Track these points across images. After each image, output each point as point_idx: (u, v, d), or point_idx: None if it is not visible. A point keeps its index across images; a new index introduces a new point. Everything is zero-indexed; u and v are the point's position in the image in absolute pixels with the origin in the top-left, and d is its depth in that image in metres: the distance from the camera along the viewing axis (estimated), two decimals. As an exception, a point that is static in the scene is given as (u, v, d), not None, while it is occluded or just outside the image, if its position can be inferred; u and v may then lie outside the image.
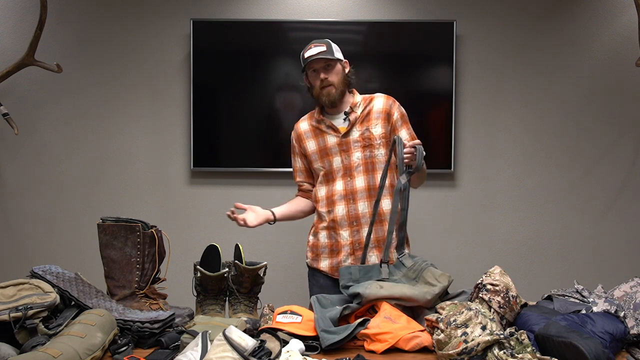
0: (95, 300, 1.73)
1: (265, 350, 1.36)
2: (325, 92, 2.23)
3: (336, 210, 2.25)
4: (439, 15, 3.36)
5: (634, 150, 3.38)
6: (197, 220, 3.43)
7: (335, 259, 2.27)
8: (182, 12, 3.37)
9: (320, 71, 2.22)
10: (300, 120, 2.41)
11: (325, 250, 2.29)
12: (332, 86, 2.22)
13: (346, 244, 2.25)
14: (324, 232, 2.29)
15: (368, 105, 2.28)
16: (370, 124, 2.25)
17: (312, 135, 2.32)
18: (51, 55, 3.22)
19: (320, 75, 2.22)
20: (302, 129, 2.36)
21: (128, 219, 1.93)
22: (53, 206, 3.44)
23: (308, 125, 2.35)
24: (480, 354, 1.42)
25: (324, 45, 2.22)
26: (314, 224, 2.36)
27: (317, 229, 2.32)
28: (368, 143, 2.24)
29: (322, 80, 2.22)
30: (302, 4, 3.39)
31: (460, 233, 3.44)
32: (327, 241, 2.29)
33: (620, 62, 3.34)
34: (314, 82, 2.25)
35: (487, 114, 3.40)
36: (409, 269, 1.93)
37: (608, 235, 3.40)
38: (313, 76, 2.25)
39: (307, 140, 2.33)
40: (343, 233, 2.25)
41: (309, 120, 2.36)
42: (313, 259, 2.33)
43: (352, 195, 2.24)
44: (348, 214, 2.24)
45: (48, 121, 3.42)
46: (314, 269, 2.34)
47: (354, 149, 2.24)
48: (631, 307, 1.72)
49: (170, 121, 3.42)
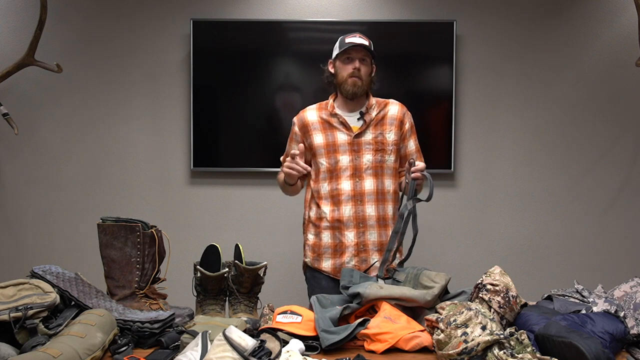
0: (95, 300, 1.73)
1: (265, 350, 1.36)
2: (352, 82, 2.22)
3: (342, 210, 2.23)
4: (439, 15, 3.36)
5: (634, 150, 3.38)
6: (197, 220, 3.43)
7: (339, 259, 2.25)
8: (182, 12, 3.37)
9: (356, 60, 2.21)
10: (307, 109, 2.35)
11: (328, 250, 2.27)
12: (359, 78, 2.22)
13: (351, 245, 2.23)
14: (327, 232, 2.26)
15: (383, 109, 2.30)
16: (385, 128, 2.27)
17: (321, 128, 2.28)
18: (51, 55, 3.22)
19: (355, 63, 2.21)
20: (310, 119, 2.30)
21: (128, 219, 1.93)
22: (53, 206, 3.44)
23: (317, 117, 2.30)
24: (480, 354, 1.42)
25: (367, 40, 2.24)
26: (312, 222, 2.31)
27: (319, 229, 2.28)
28: (381, 147, 2.24)
29: (354, 70, 2.21)
30: (302, 4, 3.39)
31: (460, 233, 3.44)
32: (330, 241, 2.26)
33: (620, 62, 3.34)
34: (344, 69, 2.23)
35: (487, 114, 3.40)
36: (403, 282, 1.94)
37: (608, 235, 3.40)
38: (345, 62, 2.23)
39: (314, 132, 2.28)
40: (348, 234, 2.23)
41: (319, 111, 2.31)
42: (314, 258, 2.30)
43: (360, 196, 2.23)
44: (355, 215, 2.23)
45: (48, 121, 3.42)
46: (315, 269, 2.31)
47: (365, 151, 2.23)
48: (631, 307, 1.72)
49: (170, 121, 3.42)
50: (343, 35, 2.27)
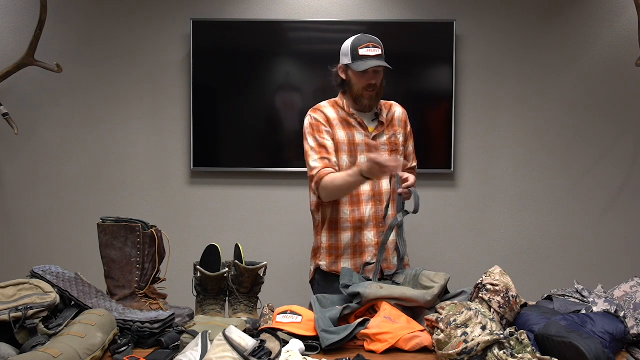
0: (95, 300, 1.73)
1: (265, 350, 1.36)
2: (368, 96, 2.20)
3: (363, 210, 2.21)
4: (439, 15, 3.36)
5: (634, 150, 3.38)
6: (197, 220, 3.43)
7: (359, 259, 2.21)
8: (182, 12, 3.37)
9: (372, 75, 2.17)
10: (321, 105, 2.28)
11: (347, 250, 2.21)
12: (375, 91, 2.20)
13: (371, 245, 2.21)
14: (347, 233, 2.21)
15: (389, 111, 2.32)
16: (396, 130, 2.30)
17: (342, 126, 2.23)
18: (51, 55, 3.22)
19: (372, 80, 2.17)
20: (330, 115, 2.24)
21: (128, 219, 1.93)
22: (53, 206, 3.44)
23: (335, 114, 2.25)
24: (480, 354, 1.42)
25: (380, 48, 2.18)
26: (328, 223, 2.23)
27: (338, 230, 2.22)
28: (395, 148, 2.26)
29: (370, 85, 2.18)
30: (302, 4, 3.39)
31: (460, 233, 3.44)
32: (350, 241, 2.21)
33: (620, 62, 3.34)
34: (359, 81, 2.18)
35: (487, 114, 3.40)
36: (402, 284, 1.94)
37: (608, 235, 3.40)
38: (360, 76, 2.18)
39: (337, 127, 2.23)
40: (368, 234, 2.21)
41: (334, 109, 2.27)
42: (332, 262, 2.23)
43: (379, 196, 2.23)
44: (375, 214, 2.21)
45: (48, 121, 3.42)
46: (330, 272, 2.23)
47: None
48: (631, 307, 1.72)
49: (170, 121, 3.42)
50: (354, 41, 2.18)
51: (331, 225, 2.23)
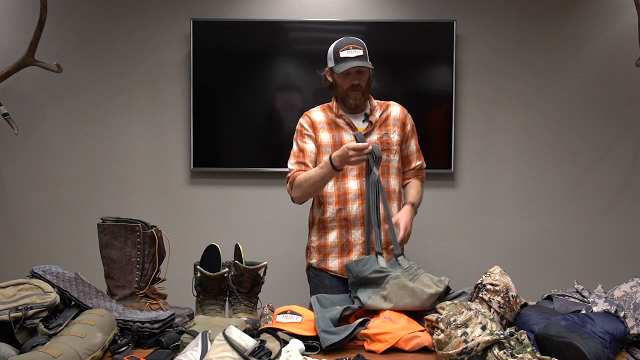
0: (95, 300, 1.73)
1: (265, 350, 1.36)
2: (353, 96, 2.24)
3: (349, 208, 2.24)
4: (439, 15, 3.36)
5: (634, 150, 3.38)
6: (197, 220, 3.43)
7: (347, 258, 2.24)
8: (182, 12, 3.37)
9: (354, 75, 2.21)
10: (311, 110, 2.36)
11: (334, 249, 2.26)
12: (360, 91, 2.24)
13: (358, 243, 2.24)
14: (334, 232, 2.26)
15: (385, 111, 2.33)
16: (389, 129, 2.30)
17: (327, 128, 2.29)
18: (51, 55, 3.22)
19: (355, 81, 2.21)
20: (317, 119, 2.31)
21: (128, 219, 1.93)
22: (53, 206, 3.44)
23: (323, 117, 2.31)
24: (480, 354, 1.42)
25: (361, 49, 2.20)
26: (317, 222, 2.31)
27: (326, 229, 2.28)
28: (386, 147, 2.27)
29: (354, 85, 2.22)
30: (302, 4, 3.39)
31: (460, 233, 3.44)
32: (337, 240, 2.26)
33: (620, 62, 3.34)
34: (343, 82, 2.23)
35: (487, 114, 3.40)
36: (404, 270, 1.94)
37: (608, 235, 3.40)
38: (343, 77, 2.22)
39: (321, 130, 2.29)
40: (355, 232, 2.24)
41: (323, 112, 2.33)
42: (320, 259, 2.30)
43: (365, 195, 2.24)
44: (362, 213, 2.23)
45: (48, 121, 3.42)
46: (320, 269, 2.30)
47: None
48: (631, 307, 1.72)
49: (170, 121, 3.42)
50: (336, 45, 2.23)
51: (319, 225, 2.31)
